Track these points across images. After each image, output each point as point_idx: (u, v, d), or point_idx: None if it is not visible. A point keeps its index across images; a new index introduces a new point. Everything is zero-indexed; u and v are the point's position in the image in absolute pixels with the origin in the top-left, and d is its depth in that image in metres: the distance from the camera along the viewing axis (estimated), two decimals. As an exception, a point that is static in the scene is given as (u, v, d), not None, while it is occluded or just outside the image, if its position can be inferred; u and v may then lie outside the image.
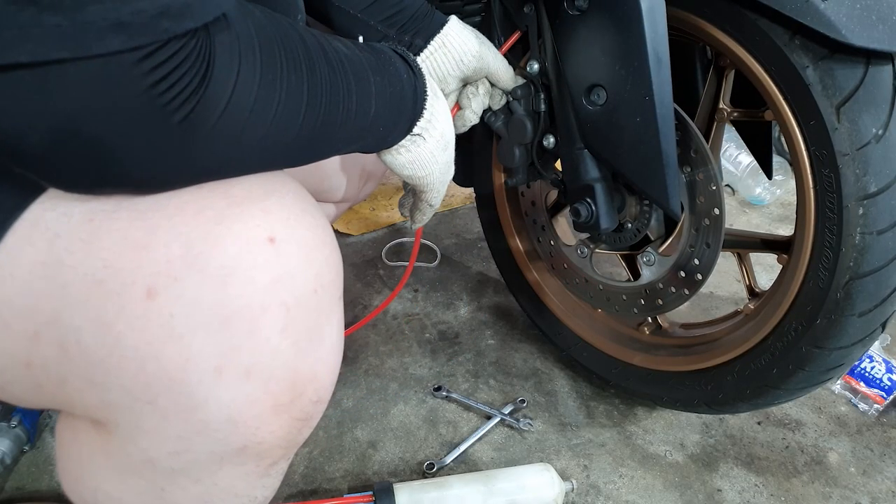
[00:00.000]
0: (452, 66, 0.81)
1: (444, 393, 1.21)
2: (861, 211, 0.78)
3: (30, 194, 0.48)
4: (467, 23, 0.92)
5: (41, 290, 0.47)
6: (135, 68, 0.38)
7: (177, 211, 0.48)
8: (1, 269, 0.47)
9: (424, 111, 0.69)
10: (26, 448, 1.06)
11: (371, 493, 0.97)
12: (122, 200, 0.48)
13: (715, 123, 0.99)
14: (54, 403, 0.55)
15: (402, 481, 0.99)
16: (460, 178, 1.31)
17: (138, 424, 0.51)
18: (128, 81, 0.39)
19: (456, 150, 1.25)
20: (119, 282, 0.47)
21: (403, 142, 0.69)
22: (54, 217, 0.47)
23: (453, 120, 0.82)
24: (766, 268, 1.57)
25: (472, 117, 0.88)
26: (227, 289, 0.48)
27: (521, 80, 0.93)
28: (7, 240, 0.47)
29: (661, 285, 1.03)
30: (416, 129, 0.69)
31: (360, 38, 0.66)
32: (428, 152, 0.71)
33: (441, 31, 0.80)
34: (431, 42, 0.80)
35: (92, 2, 0.36)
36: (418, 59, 0.76)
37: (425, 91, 0.69)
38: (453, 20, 0.82)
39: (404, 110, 0.67)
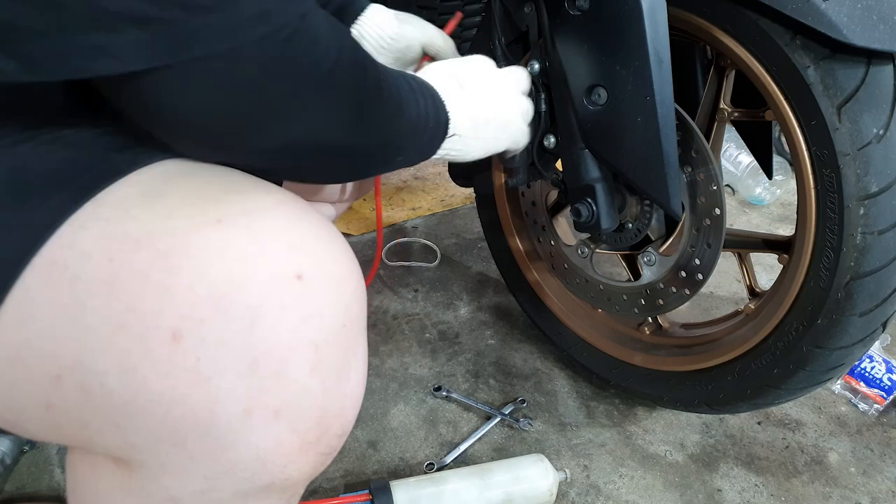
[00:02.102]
0: (375, 54, 0.81)
1: (444, 393, 1.21)
2: (862, 211, 0.78)
3: (45, 230, 0.47)
4: (467, 22, 0.92)
5: (64, 334, 0.46)
6: (274, 45, 0.46)
7: (198, 251, 0.47)
8: (21, 310, 0.46)
9: (449, 123, 0.72)
10: (26, 448, 1.06)
11: (367, 491, 0.97)
12: (141, 239, 0.47)
13: (715, 123, 0.99)
14: (73, 442, 0.53)
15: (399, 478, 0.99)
16: (460, 178, 1.31)
17: (163, 465, 0.50)
18: (270, 56, 0.46)
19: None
20: (143, 325, 0.46)
21: (445, 144, 0.72)
22: (73, 256, 0.47)
23: None
24: (766, 268, 1.57)
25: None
26: (255, 331, 0.47)
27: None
28: (25, 279, 0.46)
29: (661, 285, 1.03)
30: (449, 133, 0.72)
31: None
32: (472, 139, 0.75)
33: (356, 21, 0.80)
34: None
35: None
36: None
37: (445, 107, 0.71)
38: (371, 7, 0.81)
39: (435, 129, 0.71)
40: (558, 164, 0.97)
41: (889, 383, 1.20)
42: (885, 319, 0.85)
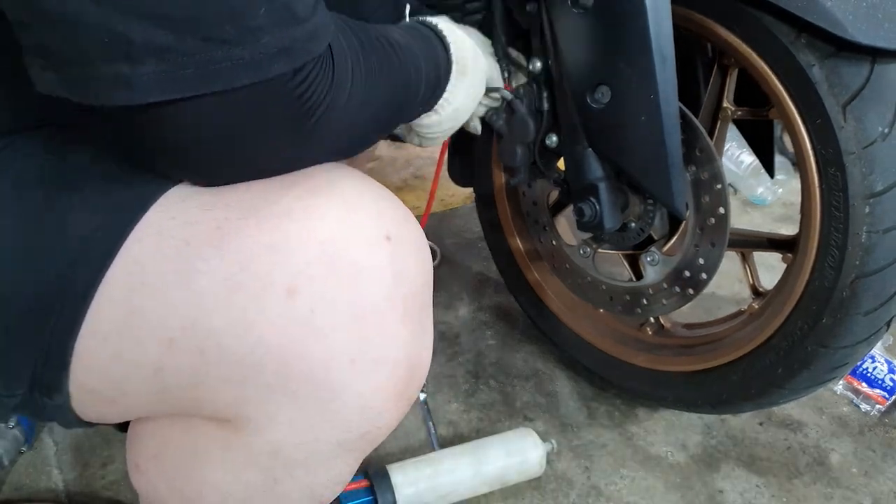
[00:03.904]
0: None
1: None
2: (867, 209, 0.78)
3: (145, 200, 0.51)
4: (468, 21, 0.91)
5: (176, 298, 0.49)
6: (290, 83, 0.46)
7: (302, 216, 0.51)
8: (131, 278, 0.49)
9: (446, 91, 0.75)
10: (23, 449, 1.05)
11: (363, 477, 0.97)
12: (246, 209, 0.51)
13: (718, 122, 0.99)
14: (177, 406, 0.55)
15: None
16: (460, 177, 1.30)
17: (272, 418, 0.53)
18: (284, 94, 0.46)
19: (455, 149, 1.25)
20: (259, 284, 0.49)
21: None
22: (178, 225, 0.50)
23: None
24: (767, 268, 1.57)
25: (477, 125, 0.93)
26: (360, 285, 0.51)
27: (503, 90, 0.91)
28: (132, 248, 0.49)
29: (664, 285, 1.02)
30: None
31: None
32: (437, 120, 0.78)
33: None
34: None
35: (264, 34, 0.43)
36: None
37: (449, 72, 0.75)
38: (442, 23, 0.80)
39: (438, 89, 0.74)
40: (560, 164, 0.96)
41: (891, 383, 1.20)
42: (889, 318, 0.85)
